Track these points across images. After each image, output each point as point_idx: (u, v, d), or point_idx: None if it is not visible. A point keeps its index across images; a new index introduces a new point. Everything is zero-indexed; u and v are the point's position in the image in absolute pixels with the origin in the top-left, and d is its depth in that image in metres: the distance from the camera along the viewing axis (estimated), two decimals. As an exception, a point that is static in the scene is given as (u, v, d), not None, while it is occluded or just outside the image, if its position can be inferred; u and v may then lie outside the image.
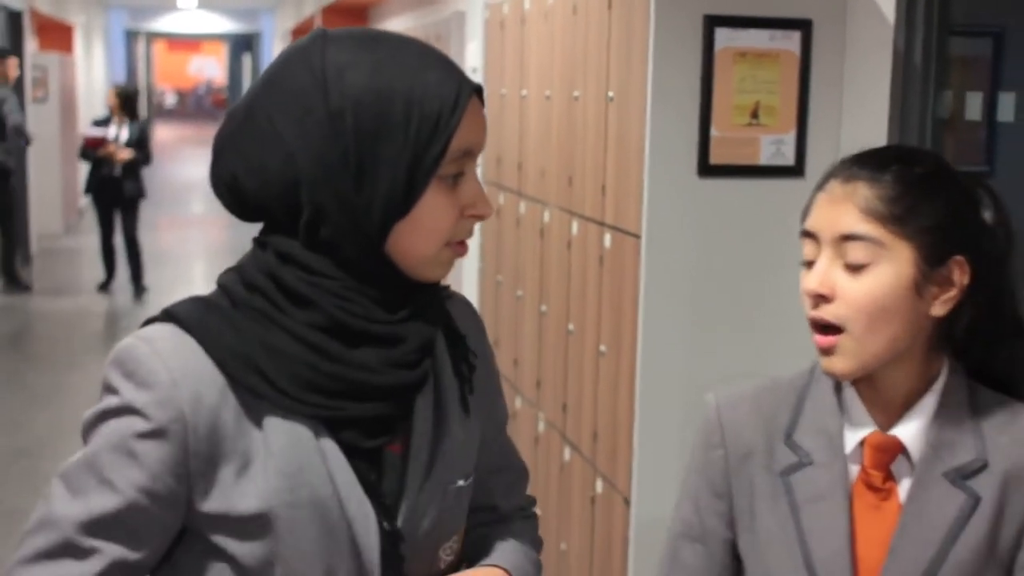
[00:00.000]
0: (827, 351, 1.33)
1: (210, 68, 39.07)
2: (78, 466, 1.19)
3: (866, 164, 1.34)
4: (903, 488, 1.35)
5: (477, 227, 1.60)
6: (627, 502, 3.01)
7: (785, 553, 1.36)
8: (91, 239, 10.92)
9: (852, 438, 1.37)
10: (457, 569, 1.36)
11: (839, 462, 1.36)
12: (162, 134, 30.82)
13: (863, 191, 1.31)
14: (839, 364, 1.32)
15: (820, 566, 1.34)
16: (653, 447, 2.93)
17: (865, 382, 1.37)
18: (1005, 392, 1.40)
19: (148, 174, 9.60)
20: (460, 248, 1.26)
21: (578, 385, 3.42)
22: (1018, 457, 1.33)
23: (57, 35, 14.58)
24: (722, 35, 2.82)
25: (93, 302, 9.40)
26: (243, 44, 29.76)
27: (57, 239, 12.40)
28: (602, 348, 3.20)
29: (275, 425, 1.20)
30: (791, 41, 2.86)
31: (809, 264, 1.36)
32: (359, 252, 1.21)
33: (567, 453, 3.52)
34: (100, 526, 1.17)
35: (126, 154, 9.03)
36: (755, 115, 2.86)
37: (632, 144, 2.95)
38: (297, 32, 17.17)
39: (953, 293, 1.33)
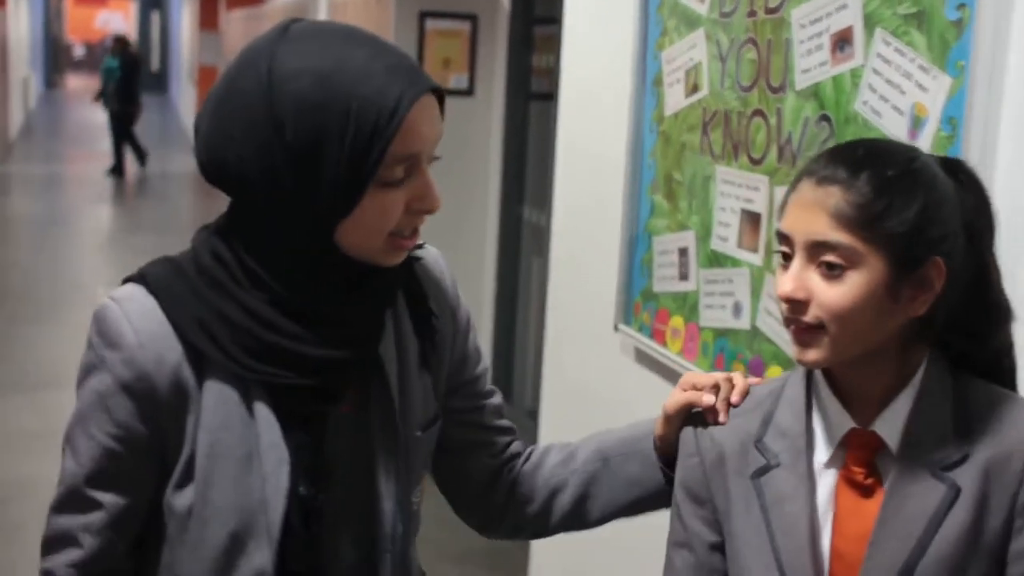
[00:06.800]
0: (802, 341, 1.28)
1: (116, 22, 40.46)
2: (72, 426, 1.32)
3: (839, 164, 1.26)
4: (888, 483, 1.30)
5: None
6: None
7: (758, 554, 1.35)
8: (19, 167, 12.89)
9: (832, 436, 1.33)
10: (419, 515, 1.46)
11: (802, 462, 1.33)
12: (72, 83, 32.85)
13: (835, 196, 1.24)
14: (813, 355, 1.28)
15: (787, 564, 1.32)
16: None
17: (840, 381, 1.33)
18: (991, 379, 1.33)
19: (63, 118, 9.03)
20: (408, 241, 1.30)
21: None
22: (1000, 446, 1.26)
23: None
24: (429, 23, 5.54)
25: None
26: (152, 1, 31.13)
27: (-6, 166, 14.68)
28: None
29: (213, 384, 1.29)
30: (466, 25, 5.58)
31: (784, 262, 1.29)
32: (308, 245, 1.27)
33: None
34: (95, 477, 1.30)
35: None
36: (447, 64, 5.55)
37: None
38: (203, -6, 19.16)
39: (929, 295, 1.26)
